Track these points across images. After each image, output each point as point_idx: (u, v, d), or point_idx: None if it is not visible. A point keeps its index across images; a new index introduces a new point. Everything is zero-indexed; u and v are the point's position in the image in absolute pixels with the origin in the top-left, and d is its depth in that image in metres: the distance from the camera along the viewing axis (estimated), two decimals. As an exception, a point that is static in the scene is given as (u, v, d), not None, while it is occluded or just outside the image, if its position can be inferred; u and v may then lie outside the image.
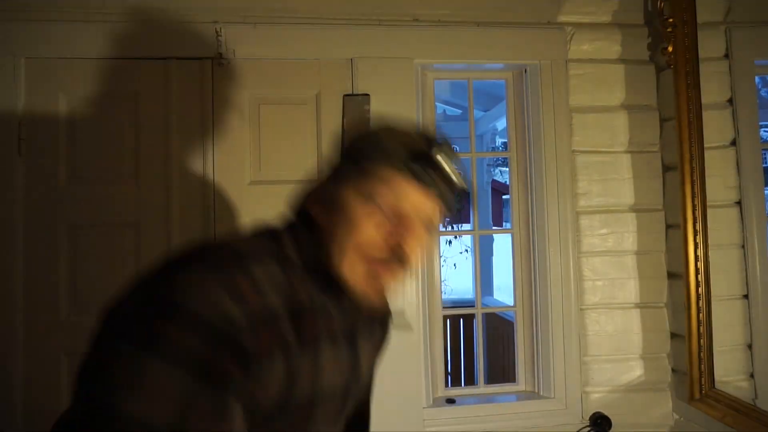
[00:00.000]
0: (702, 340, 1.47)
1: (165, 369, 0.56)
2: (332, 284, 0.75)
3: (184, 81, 1.56)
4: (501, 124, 3.41)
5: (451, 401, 1.65)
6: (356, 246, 0.73)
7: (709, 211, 1.47)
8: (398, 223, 0.73)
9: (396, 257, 0.72)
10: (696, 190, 1.47)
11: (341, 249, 0.73)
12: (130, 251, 1.52)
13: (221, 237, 0.82)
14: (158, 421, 0.55)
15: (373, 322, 0.91)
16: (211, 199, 1.54)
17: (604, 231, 1.69)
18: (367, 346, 0.86)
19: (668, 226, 1.69)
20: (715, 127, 1.48)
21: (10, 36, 1.49)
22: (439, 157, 0.74)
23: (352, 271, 0.73)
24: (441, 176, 0.74)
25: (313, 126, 1.61)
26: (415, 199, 0.73)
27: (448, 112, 3.95)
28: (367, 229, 0.73)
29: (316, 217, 0.78)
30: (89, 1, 1.52)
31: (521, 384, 1.74)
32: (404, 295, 1.59)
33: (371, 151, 0.76)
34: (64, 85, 1.52)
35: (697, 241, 1.47)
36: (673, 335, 1.67)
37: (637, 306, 1.69)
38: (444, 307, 1.74)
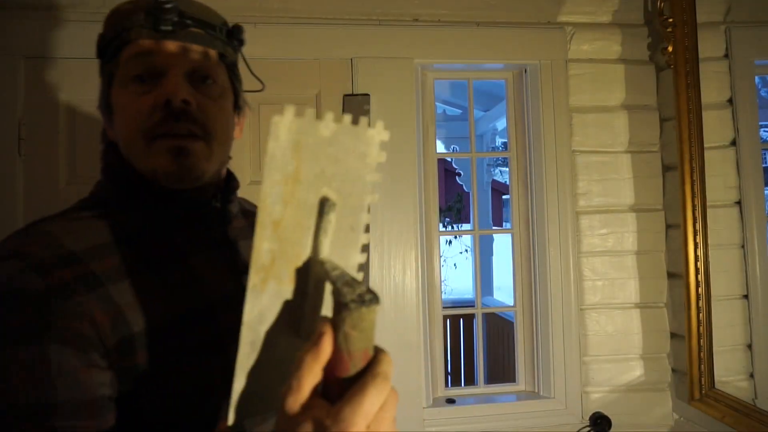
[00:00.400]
0: (702, 340, 1.47)
1: None
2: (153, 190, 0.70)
3: (184, 81, 1.56)
4: (501, 124, 3.41)
5: (451, 401, 1.65)
6: (135, 130, 0.68)
7: (709, 211, 1.47)
8: (147, 87, 0.69)
9: (164, 117, 0.67)
10: (696, 190, 1.47)
11: (130, 146, 0.70)
12: (130, 251, 1.52)
13: None
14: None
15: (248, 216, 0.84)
16: (211, 199, 1.54)
17: (604, 231, 1.69)
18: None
19: (668, 226, 1.69)
20: (715, 127, 1.48)
21: (9, 36, 1.49)
22: None
23: (145, 157, 0.68)
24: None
25: (313, 126, 1.60)
26: (138, 49, 0.69)
27: (448, 112, 3.95)
28: (127, 111, 0.70)
29: (106, 141, 0.77)
30: (89, 1, 1.52)
31: (521, 384, 1.74)
32: (404, 295, 1.59)
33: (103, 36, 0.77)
34: (64, 85, 1.52)
35: (697, 241, 1.47)
36: (673, 335, 1.67)
37: (637, 306, 1.69)
38: (444, 307, 1.74)
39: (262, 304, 0.48)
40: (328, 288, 0.48)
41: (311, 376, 0.42)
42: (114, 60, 0.73)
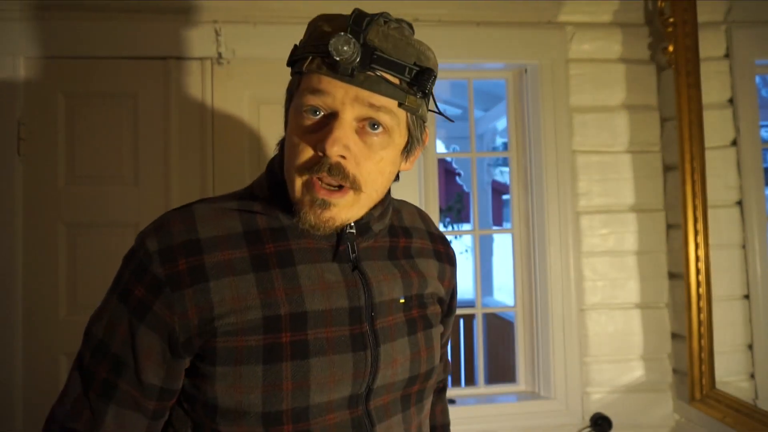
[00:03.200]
0: (703, 341, 1.46)
1: (110, 296, 0.73)
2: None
3: (184, 81, 1.56)
4: (501, 124, 3.41)
5: (451, 401, 1.65)
6: (293, 161, 0.70)
7: (709, 211, 1.47)
8: (319, 122, 0.69)
9: (320, 161, 0.68)
10: (696, 190, 1.47)
11: (287, 171, 0.72)
12: (129, 251, 1.52)
13: None
14: (96, 335, 0.72)
15: (396, 249, 0.83)
16: (211, 199, 1.54)
17: (604, 231, 1.69)
18: (391, 276, 0.79)
19: (669, 226, 1.69)
20: (716, 126, 1.47)
21: (9, 35, 1.48)
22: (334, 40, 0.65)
23: (292, 188, 0.71)
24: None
25: (313, 126, 1.60)
26: (313, 87, 0.68)
27: (448, 112, 3.94)
28: (293, 139, 0.71)
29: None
30: (89, 0, 1.52)
31: (521, 384, 1.74)
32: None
33: (298, 50, 0.73)
34: (63, 85, 1.52)
35: (698, 241, 1.47)
36: (674, 335, 1.67)
37: (638, 306, 1.69)
38: (444, 308, 1.73)
39: None
40: None
41: None
42: (296, 78, 0.73)
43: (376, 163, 0.71)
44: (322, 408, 0.70)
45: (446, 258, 0.92)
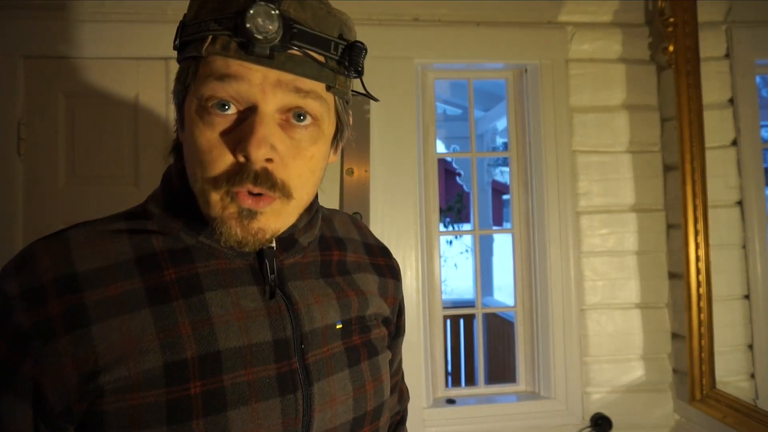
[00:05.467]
0: (703, 341, 1.46)
1: None
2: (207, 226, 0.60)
3: (183, 81, 1.55)
4: (501, 124, 3.41)
5: (451, 401, 1.65)
6: (204, 172, 0.56)
7: (709, 211, 1.46)
8: (232, 119, 0.55)
9: (242, 169, 0.55)
10: (697, 190, 1.47)
11: (196, 184, 0.58)
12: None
13: None
14: None
15: (329, 266, 0.70)
16: (211, 199, 1.54)
17: (604, 231, 1.69)
18: (324, 297, 0.66)
19: (669, 227, 1.69)
20: (716, 126, 1.47)
21: (8, 34, 1.48)
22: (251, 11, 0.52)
23: (206, 204, 0.57)
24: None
25: (313, 126, 1.60)
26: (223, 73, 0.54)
27: (448, 112, 3.95)
28: (199, 143, 0.56)
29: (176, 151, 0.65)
30: (89, 1, 1.52)
31: (521, 384, 1.74)
32: (404, 296, 1.58)
33: (188, 28, 0.57)
34: (63, 85, 1.52)
35: (698, 241, 1.47)
36: (674, 335, 1.67)
37: (638, 306, 1.68)
38: (444, 307, 1.74)
39: None
40: None
41: None
42: (192, 64, 0.57)
43: (306, 161, 0.58)
44: None
45: (388, 271, 0.78)
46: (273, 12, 0.52)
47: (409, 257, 1.60)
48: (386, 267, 0.79)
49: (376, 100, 0.70)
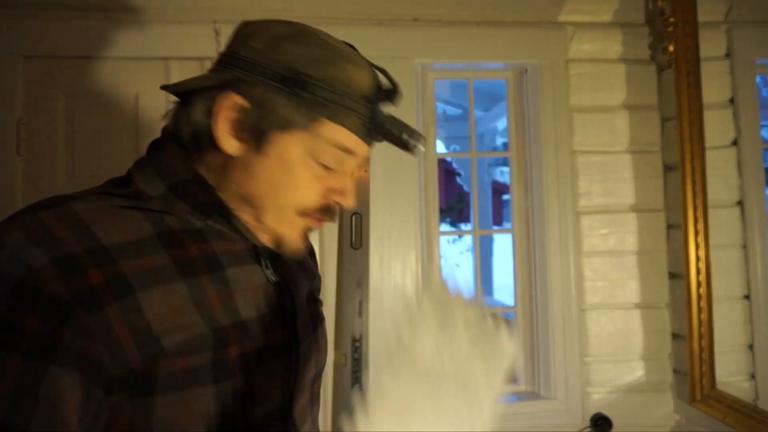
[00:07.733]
0: (703, 341, 1.46)
1: None
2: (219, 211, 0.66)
3: (183, 81, 1.55)
4: (501, 124, 3.40)
5: (451, 402, 1.65)
6: (293, 199, 0.66)
7: (710, 211, 1.46)
8: (336, 176, 0.67)
9: (331, 209, 0.68)
10: (697, 190, 1.47)
11: (278, 203, 0.66)
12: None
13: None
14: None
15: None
16: (211, 199, 1.54)
17: (604, 231, 1.69)
18: (297, 270, 0.78)
19: (669, 227, 1.69)
20: (716, 126, 1.47)
21: (8, 34, 1.48)
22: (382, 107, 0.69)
23: (281, 221, 0.67)
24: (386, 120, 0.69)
25: (313, 126, 1.60)
26: (354, 146, 0.66)
27: (448, 112, 3.95)
28: (297, 178, 0.65)
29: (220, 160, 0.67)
30: (89, 1, 1.52)
31: (521, 384, 1.74)
32: (405, 296, 1.58)
33: (321, 89, 0.64)
34: (63, 85, 1.52)
35: (698, 241, 1.47)
36: (674, 336, 1.67)
37: (638, 306, 1.68)
38: (444, 308, 1.73)
39: None
40: None
41: None
42: (312, 114, 0.64)
43: None
44: (260, 421, 0.65)
45: (310, 251, 0.89)
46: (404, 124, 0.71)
47: (409, 258, 1.60)
48: (310, 246, 0.90)
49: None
